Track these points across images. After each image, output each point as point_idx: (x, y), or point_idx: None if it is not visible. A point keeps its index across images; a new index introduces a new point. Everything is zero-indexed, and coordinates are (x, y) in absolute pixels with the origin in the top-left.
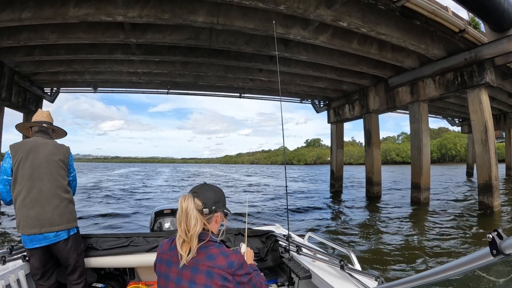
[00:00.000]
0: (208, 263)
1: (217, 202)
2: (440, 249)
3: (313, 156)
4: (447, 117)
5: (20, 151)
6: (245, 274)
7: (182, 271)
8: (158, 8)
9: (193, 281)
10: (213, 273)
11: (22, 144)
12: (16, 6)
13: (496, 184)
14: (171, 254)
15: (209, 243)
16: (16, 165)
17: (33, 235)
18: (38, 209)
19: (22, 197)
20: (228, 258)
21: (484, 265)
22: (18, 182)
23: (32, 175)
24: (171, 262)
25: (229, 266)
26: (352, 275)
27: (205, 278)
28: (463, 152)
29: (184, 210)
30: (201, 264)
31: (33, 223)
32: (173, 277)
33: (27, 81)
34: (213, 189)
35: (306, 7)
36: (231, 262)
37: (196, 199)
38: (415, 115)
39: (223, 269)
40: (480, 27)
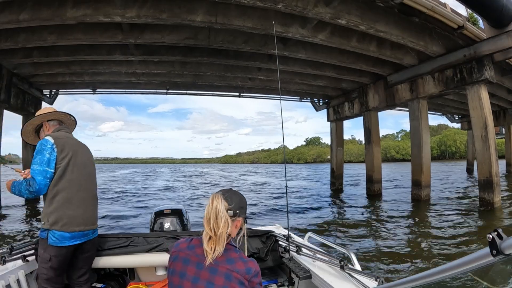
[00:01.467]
0: (228, 266)
1: (241, 207)
2: (441, 247)
3: (313, 154)
4: (447, 114)
5: (67, 146)
6: (259, 284)
7: (200, 271)
8: (156, 8)
9: (211, 282)
10: (231, 276)
11: (64, 138)
12: (14, 7)
13: (496, 180)
14: (190, 253)
15: (229, 247)
16: (66, 160)
17: (76, 232)
18: (84, 208)
19: (68, 195)
20: (246, 264)
21: (484, 265)
22: (65, 178)
23: (81, 174)
24: (189, 260)
25: (247, 271)
26: (352, 275)
27: (224, 280)
28: (462, 149)
29: (214, 209)
30: (221, 266)
31: (78, 221)
32: (190, 276)
33: (26, 83)
34: (238, 195)
35: (304, 5)
36: (249, 268)
37: (224, 200)
38: (414, 112)
39: (241, 274)
40: (478, 23)
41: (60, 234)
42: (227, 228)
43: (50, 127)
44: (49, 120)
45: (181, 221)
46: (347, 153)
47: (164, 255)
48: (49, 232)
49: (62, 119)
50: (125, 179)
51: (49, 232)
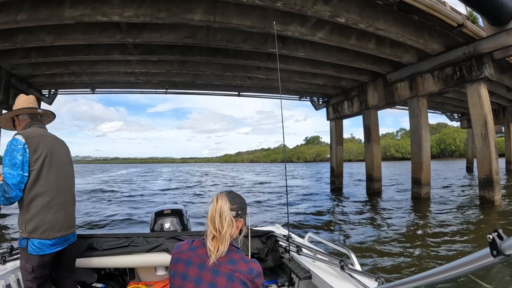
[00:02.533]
0: (230, 266)
1: (243, 209)
2: (442, 246)
3: (312, 153)
4: (446, 112)
5: (41, 145)
6: (262, 285)
7: (202, 272)
8: (154, 7)
9: (214, 283)
10: (234, 276)
11: (37, 136)
12: (12, 8)
13: (496, 178)
14: (191, 254)
15: (231, 247)
16: (41, 161)
17: (57, 238)
18: (65, 212)
19: (46, 199)
20: (249, 264)
21: (484, 266)
22: (42, 181)
23: (58, 175)
24: (191, 262)
25: (249, 272)
26: (352, 275)
27: (226, 281)
28: (462, 147)
29: (219, 208)
30: (223, 267)
31: (59, 226)
32: (192, 277)
33: (25, 83)
34: (239, 197)
35: (303, 3)
36: (252, 268)
37: (228, 201)
38: (414, 110)
39: (243, 274)
40: (478, 21)
41: (40, 242)
42: (231, 228)
43: (21, 122)
44: (18, 115)
45: (181, 221)
46: (347, 152)
47: (164, 255)
48: (28, 240)
49: (33, 112)
50: (125, 179)
51: (28, 240)
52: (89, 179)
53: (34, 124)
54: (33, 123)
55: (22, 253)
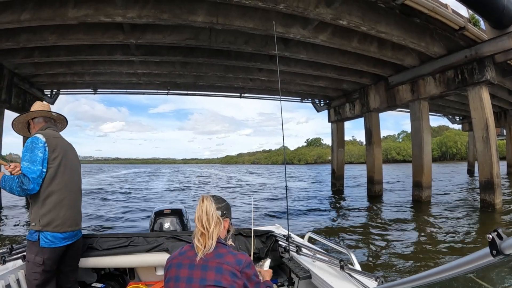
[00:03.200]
0: (218, 260)
1: (228, 209)
2: (442, 248)
3: (313, 155)
4: (448, 115)
5: (58, 146)
6: (254, 275)
7: (192, 271)
8: (157, 9)
9: (204, 278)
10: (222, 268)
11: (55, 138)
12: (15, 7)
13: (497, 182)
14: (181, 257)
15: (218, 244)
16: (58, 161)
17: (68, 233)
18: (75, 210)
19: (60, 196)
20: (236, 256)
21: (484, 265)
22: (58, 179)
23: (71, 175)
24: (182, 264)
25: (237, 263)
26: (352, 275)
27: (215, 274)
28: (463, 150)
29: (205, 208)
30: (211, 261)
31: (70, 222)
32: (184, 278)
33: (27, 83)
34: (222, 199)
35: (305, 6)
36: (239, 259)
37: (213, 200)
38: (415, 113)
39: (231, 265)
40: (480, 24)
41: (52, 235)
42: (219, 227)
43: (36, 125)
44: (33, 118)
45: (181, 221)
46: (348, 154)
47: (164, 255)
48: (41, 233)
49: (48, 116)
50: (126, 180)
51: (40, 233)
52: (91, 179)
53: (49, 127)
54: (49, 126)
55: (32, 246)
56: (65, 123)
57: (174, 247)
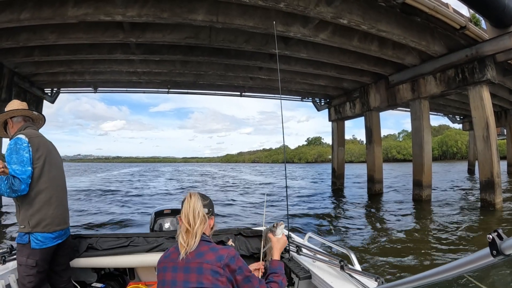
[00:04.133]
0: (198, 260)
1: (212, 207)
2: (442, 248)
3: (314, 154)
4: (448, 114)
5: (41, 145)
6: (239, 269)
7: (176, 274)
8: (157, 7)
9: (187, 281)
10: (202, 268)
11: (37, 137)
12: (15, 7)
13: (498, 181)
14: (166, 260)
15: (201, 242)
16: (42, 160)
17: (57, 232)
18: (62, 208)
19: (47, 195)
20: (216, 252)
21: (484, 266)
22: (44, 178)
23: (56, 173)
24: (166, 268)
25: (218, 259)
26: (352, 275)
27: (196, 275)
28: (464, 149)
29: (192, 205)
30: (192, 262)
31: (58, 220)
32: (169, 281)
33: (27, 82)
34: (206, 196)
35: (306, 4)
36: (220, 256)
37: (200, 198)
38: (416, 112)
39: (211, 263)
40: (481, 23)
41: (43, 236)
42: (204, 225)
43: (15, 124)
44: (12, 117)
45: None
46: (348, 153)
47: None
48: (31, 235)
49: (28, 115)
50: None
51: (30, 235)
52: (87, 178)
53: (29, 127)
54: (28, 125)
55: (23, 249)
56: (43, 122)
57: None
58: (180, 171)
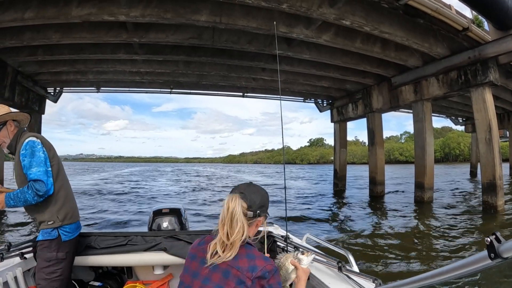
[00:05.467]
0: (229, 262)
1: (262, 206)
2: (442, 250)
3: (316, 155)
4: (451, 116)
5: (51, 146)
6: (271, 285)
7: (201, 267)
8: (160, 8)
9: (208, 278)
10: (230, 273)
11: (43, 138)
12: (19, 6)
13: (500, 184)
14: (198, 249)
15: (242, 244)
16: (56, 159)
17: (78, 221)
18: (75, 201)
19: (66, 190)
20: (252, 261)
21: (482, 269)
22: (60, 176)
23: (64, 170)
24: (196, 256)
25: (251, 269)
26: (349, 276)
27: (220, 277)
28: (466, 152)
29: (230, 213)
30: (223, 262)
31: (77, 212)
32: (191, 271)
33: (30, 80)
34: (260, 192)
35: (309, 5)
36: (254, 266)
37: (242, 201)
38: (418, 114)
39: (242, 271)
40: (483, 25)
41: (70, 227)
42: (242, 235)
43: (14, 127)
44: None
45: (179, 220)
46: (351, 154)
47: (162, 254)
48: (60, 229)
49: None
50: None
51: (59, 229)
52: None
53: (25, 130)
54: (23, 127)
55: (52, 244)
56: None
57: (172, 247)
58: (182, 171)
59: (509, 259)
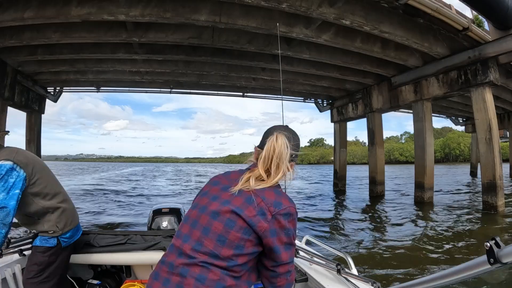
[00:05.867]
0: (256, 190)
1: (298, 147)
2: (442, 252)
3: (316, 155)
4: (451, 116)
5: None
6: (289, 230)
7: (223, 192)
8: (160, 7)
9: (228, 201)
10: (254, 200)
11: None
12: (19, 5)
13: (500, 184)
14: (222, 177)
15: None
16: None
17: (78, 223)
18: (71, 201)
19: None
20: (279, 197)
21: (481, 273)
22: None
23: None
24: (219, 183)
25: (275, 204)
26: (348, 279)
27: (243, 201)
28: (466, 152)
29: (278, 152)
30: (249, 189)
31: (76, 213)
32: (210, 194)
33: (30, 80)
34: (297, 135)
35: (308, 5)
36: (279, 202)
37: (288, 141)
38: (418, 114)
39: (266, 202)
40: (484, 25)
41: (71, 232)
42: (281, 174)
43: None
44: None
45: (179, 220)
46: (351, 154)
47: (161, 254)
48: (60, 237)
49: None
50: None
51: (59, 237)
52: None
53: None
54: None
55: (52, 251)
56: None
57: None
58: (182, 171)
59: (508, 264)
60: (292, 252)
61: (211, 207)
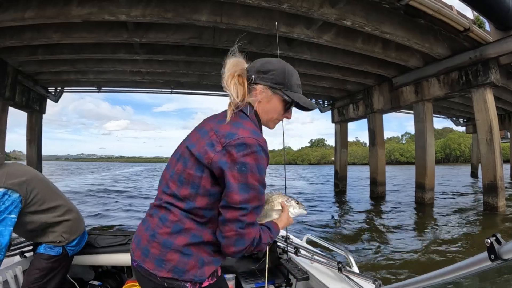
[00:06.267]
0: (213, 124)
1: (259, 72)
2: (443, 252)
3: (317, 156)
4: (452, 117)
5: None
6: (244, 166)
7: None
8: (161, 7)
9: (189, 139)
10: (207, 134)
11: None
12: (19, 5)
13: (501, 185)
14: None
15: (236, 113)
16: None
17: (85, 229)
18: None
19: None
20: (235, 128)
21: (482, 270)
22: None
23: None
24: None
25: (227, 136)
26: (349, 277)
27: (199, 136)
28: (467, 153)
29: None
30: (208, 124)
31: (81, 218)
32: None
33: (31, 80)
34: (272, 61)
35: (309, 5)
36: (233, 133)
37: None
38: (419, 114)
39: (217, 135)
40: (485, 26)
41: (77, 240)
42: (237, 98)
43: None
44: None
45: None
46: (351, 155)
47: None
48: (66, 246)
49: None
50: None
51: (66, 246)
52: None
53: None
54: None
55: (57, 260)
56: None
57: None
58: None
59: (509, 260)
60: (251, 198)
61: (179, 149)
